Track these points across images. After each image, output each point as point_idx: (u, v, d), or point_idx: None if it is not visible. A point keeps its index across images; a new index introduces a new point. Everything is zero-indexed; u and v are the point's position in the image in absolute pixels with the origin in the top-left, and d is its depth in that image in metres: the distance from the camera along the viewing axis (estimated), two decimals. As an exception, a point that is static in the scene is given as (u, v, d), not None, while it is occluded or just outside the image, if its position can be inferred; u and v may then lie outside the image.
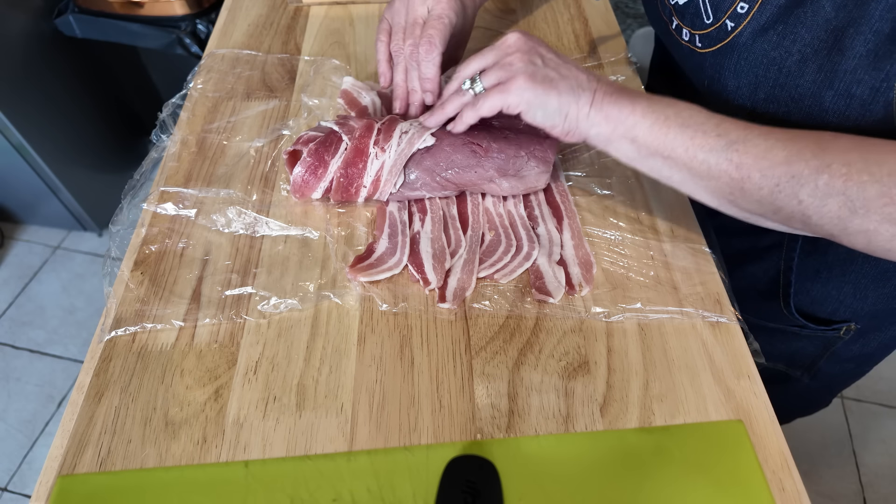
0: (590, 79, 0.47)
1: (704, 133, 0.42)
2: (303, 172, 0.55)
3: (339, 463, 0.42)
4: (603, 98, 0.46)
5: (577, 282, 0.51)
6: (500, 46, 0.49)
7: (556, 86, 0.46)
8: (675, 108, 0.44)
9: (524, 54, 0.47)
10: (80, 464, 0.43)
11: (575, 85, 0.46)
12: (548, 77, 0.46)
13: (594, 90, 0.46)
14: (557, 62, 0.48)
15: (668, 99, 0.45)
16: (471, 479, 0.41)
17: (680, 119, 0.43)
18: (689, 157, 0.43)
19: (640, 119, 0.44)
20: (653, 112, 0.44)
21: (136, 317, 0.50)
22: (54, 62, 1.45)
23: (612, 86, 0.47)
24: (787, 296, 0.63)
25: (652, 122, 0.44)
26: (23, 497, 1.29)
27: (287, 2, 0.82)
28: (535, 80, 0.46)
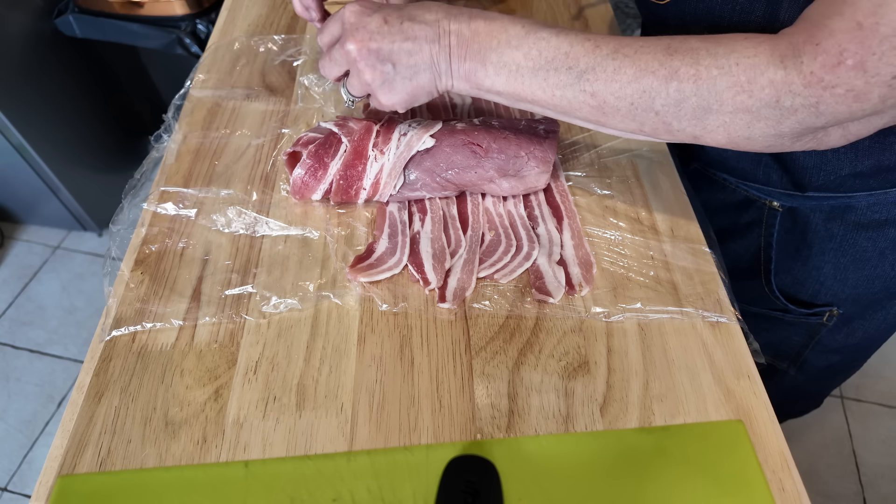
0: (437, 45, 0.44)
1: (556, 70, 0.42)
2: (302, 174, 0.55)
3: (339, 463, 0.42)
4: (458, 63, 0.45)
5: (577, 282, 0.51)
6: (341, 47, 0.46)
7: (414, 79, 0.45)
8: (523, 49, 0.43)
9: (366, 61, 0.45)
10: (80, 464, 0.43)
11: (432, 72, 0.45)
12: (404, 77, 0.45)
13: (445, 58, 0.45)
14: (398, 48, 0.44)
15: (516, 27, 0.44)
16: (471, 479, 0.41)
17: (530, 61, 0.43)
18: (549, 96, 0.43)
19: (495, 77, 0.44)
20: (504, 65, 0.43)
21: (137, 316, 0.50)
22: (54, 62, 1.45)
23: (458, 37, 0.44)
24: (769, 272, 0.64)
25: (507, 76, 0.44)
26: (23, 497, 1.29)
27: (287, 1, 0.82)
28: (393, 89, 0.46)
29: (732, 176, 0.62)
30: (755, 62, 0.37)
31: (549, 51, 0.42)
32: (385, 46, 0.44)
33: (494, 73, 0.44)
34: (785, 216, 0.60)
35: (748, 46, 0.38)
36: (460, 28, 0.44)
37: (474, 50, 0.44)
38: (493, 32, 0.44)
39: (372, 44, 0.44)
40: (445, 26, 0.44)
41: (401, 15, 0.44)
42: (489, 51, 0.44)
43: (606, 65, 0.41)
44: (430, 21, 0.44)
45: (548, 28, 0.43)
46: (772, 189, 0.59)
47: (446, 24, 0.44)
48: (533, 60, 0.43)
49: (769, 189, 0.59)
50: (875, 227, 0.55)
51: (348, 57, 0.45)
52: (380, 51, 0.44)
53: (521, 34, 0.43)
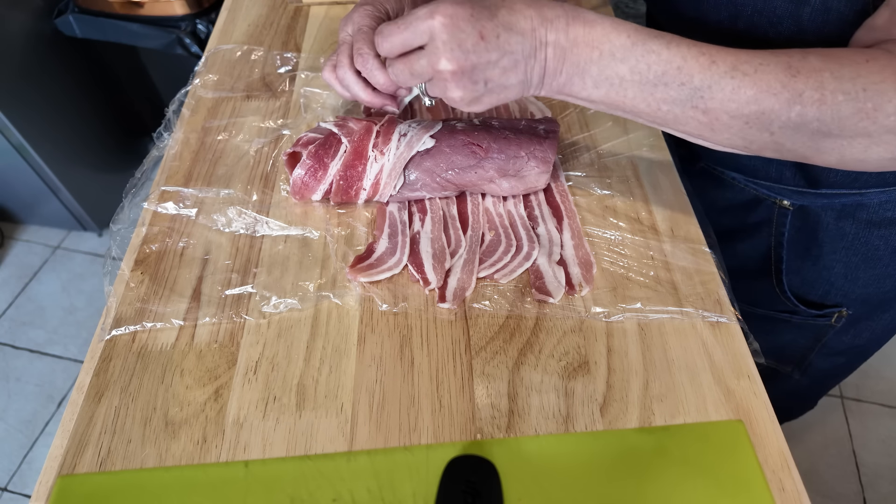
0: (532, 58, 0.41)
1: (666, 85, 0.40)
2: (302, 175, 0.55)
3: (339, 463, 0.42)
4: (552, 76, 0.42)
5: (577, 282, 0.51)
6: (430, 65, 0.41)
7: (502, 93, 0.43)
8: (630, 62, 0.40)
9: (458, 81, 0.41)
10: (80, 464, 0.43)
11: (517, 81, 0.42)
12: (492, 92, 0.42)
13: (539, 70, 0.42)
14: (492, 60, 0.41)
15: (622, 37, 0.40)
16: (471, 479, 0.41)
17: (637, 75, 0.40)
18: (654, 110, 0.41)
19: (594, 90, 0.42)
20: (606, 78, 0.41)
21: (137, 316, 0.50)
22: (54, 62, 1.45)
23: (556, 49, 0.41)
24: (780, 272, 0.63)
25: (606, 90, 0.41)
26: (23, 497, 1.29)
27: (287, 1, 0.82)
28: (479, 103, 0.43)
29: (742, 174, 0.61)
30: (882, 88, 0.36)
31: (660, 65, 0.39)
32: (481, 64, 0.41)
33: (593, 85, 0.41)
34: (795, 215, 0.59)
35: (874, 71, 0.37)
36: (557, 38, 0.40)
37: (572, 62, 0.41)
38: (595, 42, 0.40)
39: (467, 64, 0.40)
40: (542, 36, 0.40)
41: (496, 24, 0.40)
42: (589, 63, 0.41)
43: (724, 83, 0.39)
44: (526, 31, 0.40)
45: (656, 38, 0.40)
46: (783, 187, 0.58)
47: (542, 32, 0.40)
48: (640, 74, 0.40)
49: (780, 187, 0.58)
50: (887, 226, 0.55)
51: (439, 75, 0.41)
52: (475, 70, 0.41)
53: (626, 45, 0.40)
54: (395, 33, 0.42)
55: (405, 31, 0.41)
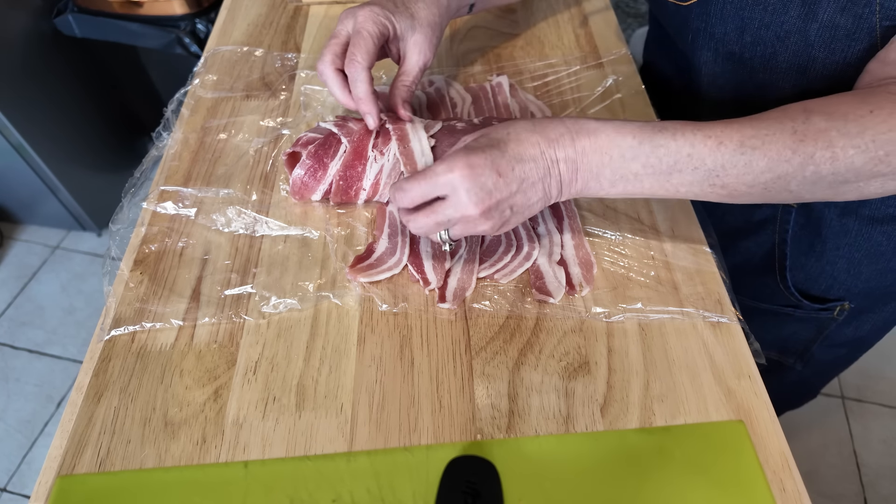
0: (547, 181, 0.44)
1: (680, 172, 0.42)
2: (302, 175, 0.55)
3: (338, 463, 0.42)
4: (569, 189, 0.44)
5: (578, 282, 0.51)
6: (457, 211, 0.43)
7: (527, 212, 0.45)
8: (640, 159, 0.42)
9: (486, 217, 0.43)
10: (80, 464, 0.43)
11: (545, 201, 0.45)
12: (518, 214, 0.45)
13: (556, 188, 0.44)
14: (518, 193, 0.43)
15: (629, 138, 0.42)
16: (471, 479, 0.41)
17: (649, 168, 0.42)
18: (672, 194, 0.43)
19: (609, 188, 0.44)
20: (620, 177, 0.43)
21: (136, 316, 0.50)
22: (53, 62, 1.45)
23: (569, 164, 0.43)
24: (783, 269, 0.64)
25: (623, 186, 0.43)
26: (22, 497, 1.29)
27: (287, 1, 0.81)
28: (507, 226, 0.45)
29: None
30: (891, 137, 0.38)
31: (670, 157, 0.41)
32: (504, 198, 0.43)
33: (609, 185, 0.43)
34: (799, 212, 0.59)
35: (879, 121, 0.38)
36: (567, 154, 0.43)
37: (585, 170, 0.43)
38: (602, 149, 0.43)
39: (492, 201, 0.43)
40: (551, 156, 0.43)
41: (508, 159, 0.42)
42: (602, 167, 0.43)
43: (735, 161, 0.40)
44: (536, 156, 0.43)
45: (660, 131, 0.42)
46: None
47: (551, 153, 0.43)
48: (653, 168, 0.42)
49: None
50: (889, 222, 0.56)
51: (466, 219, 0.43)
52: (500, 204, 0.43)
53: (634, 146, 0.42)
54: (416, 188, 0.43)
55: (426, 185, 0.43)
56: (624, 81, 0.68)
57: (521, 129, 0.44)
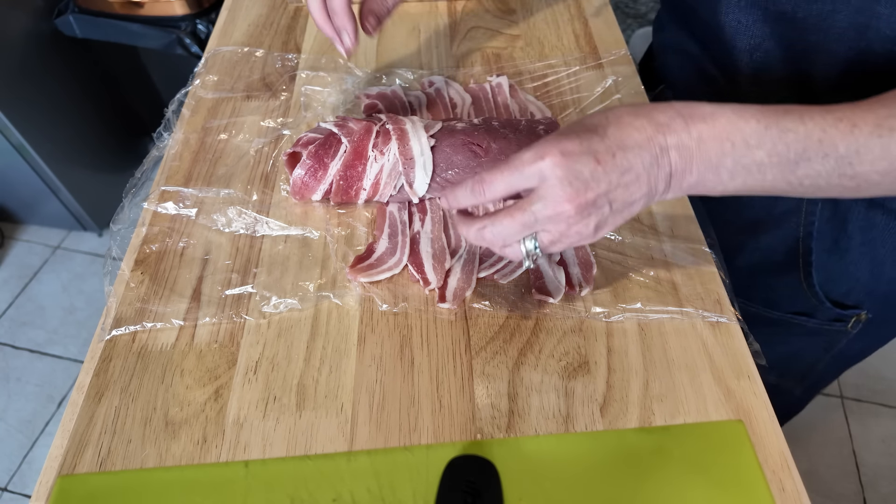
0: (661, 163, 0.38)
1: (808, 160, 0.36)
2: (302, 175, 0.55)
3: (339, 463, 0.42)
4: (679, 183, 0.39)
5: (577, 282, 0.51)
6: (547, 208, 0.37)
7: (626, 212, 0.39)
8: (766, 148, 0.37)
9: (581, 215, 0.37)
10: (80, 464, 0.43)
11: (649, 196, 0.39)
12: (616, 213, 0.39)
13: (668, 175, 0.38)
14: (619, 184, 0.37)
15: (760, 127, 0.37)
16: (471, 479, 0.41)
17: (776, 157, 0.37)
18: (794, 187, 0.38)
19: (728, 181, 0.38)
20: (742, 168, 0.37)
21: (137, 316, 0.50)
22: (54, 62, 1.45)
23: (684, 153, 0.38)
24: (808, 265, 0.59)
25: (744, 178, 0.38)
26: (23, 497, 1.29)
27: (287, 1, 0.82)
28: (599, 232, 0.39)
29: None
30: None
31: (799, 143, 0.36)
32: (602, 190, 0.37)
33: (729, 178, 0.38)
34: (825, 204, 0.55)
35: None
36: (680, 140, 0.37)
37: (702, 160, 0.38)
38: (723, 135, 0.37)
39: (589, 194, 0.37)
40: (661, 142, 0.37)
41: (608, 145, 0.37)
42: (722, 156, 0.37)
43: (872, 145, 0.36)
44: (642, 143, 0.37)
45: (786, 114, 0.37)
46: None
47: (661, 139, 0.37)
48: (780, 156, 0.37)
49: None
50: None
51: (559, 216, 0.37)
52: (597, 199, 0.37)
53: (759, 130, 0.37)
54: (500, 178, 0.38)
55: (511, 175, 0.38)
56: (624, 82, 0.68)
57: (623, 113, 0.38)
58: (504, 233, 0.39)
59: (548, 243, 0.39)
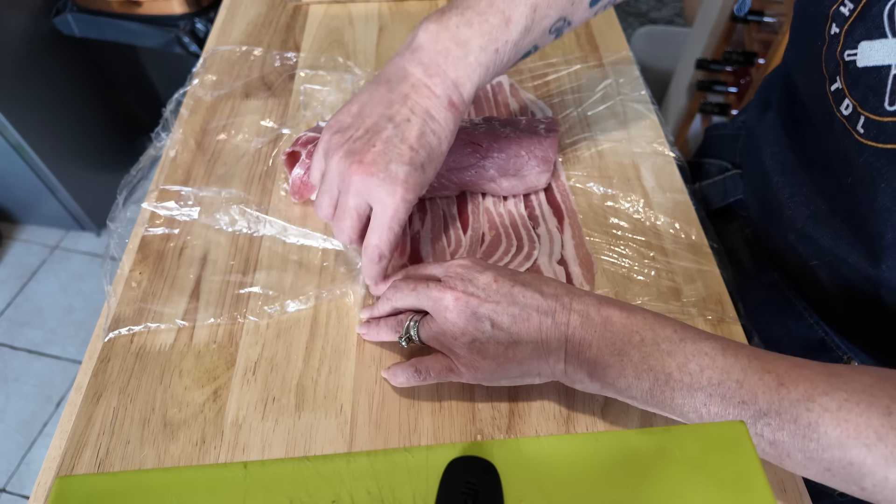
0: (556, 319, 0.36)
1: (722, 398, 0.33)
2: (301, 174, 0.54)
3: (338, 464, 0.42)
4: (578, 350, 0.36)
5: (578, 282, 0.51)
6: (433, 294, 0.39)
7: (511, 355, 0.37)
8: (678, 358, 0.34)
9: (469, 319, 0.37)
10: (79, 464, 0.42)
11: (538, 348, 0.37)
12: (501, 346, 0.37)
13: (563, 334, 0.36)
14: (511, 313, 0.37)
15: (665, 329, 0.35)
16: (471, 480, 0.41)
17: (688, 377, 0.33)
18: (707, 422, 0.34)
19: (634, 381, 0.35)
20: (648, 370, 0.34)
21: (136, 316, 0.50)
22: (52, 61, 1.45)
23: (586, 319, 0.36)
24: None
25: (650, 385, 0.34)
26: (21, 498, 1.28)
27: (286, 0, 0.81)
28: (484, 355, 0.37)
29: (815, 309, 0.50)
30: None
31: (714, 372, 0.33)
32: (487, 306, 0.37)
33: (634, 375, 0.34)
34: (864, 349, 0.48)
35: None
36: (587, 310, 0.36)
37: (607, 339, 0.35)
38: (634, 327, 0.35)
39: (472, 300, 0.37)
40: (566, 303, 0.37)
41: (514, 279, 0.38)
42: (629, 346, 0.35)
43: (797, 414, 0.31)
44: (546, 293, 0.37)
45: (707, 339, 0.34)
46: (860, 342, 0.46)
47: (567, 300, 0.37)
48: (691, 377, 0.33)
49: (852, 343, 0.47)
50: None
51: (438, 302, 0.38)
52: (479, 308, 0.37)
53: (673, 338, 0.34)
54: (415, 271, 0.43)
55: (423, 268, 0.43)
56: (625, 82, 0.68)
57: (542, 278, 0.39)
58: (397, 288, 0.42)
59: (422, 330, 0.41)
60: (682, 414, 0.35)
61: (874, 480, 0.30)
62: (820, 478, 0.32)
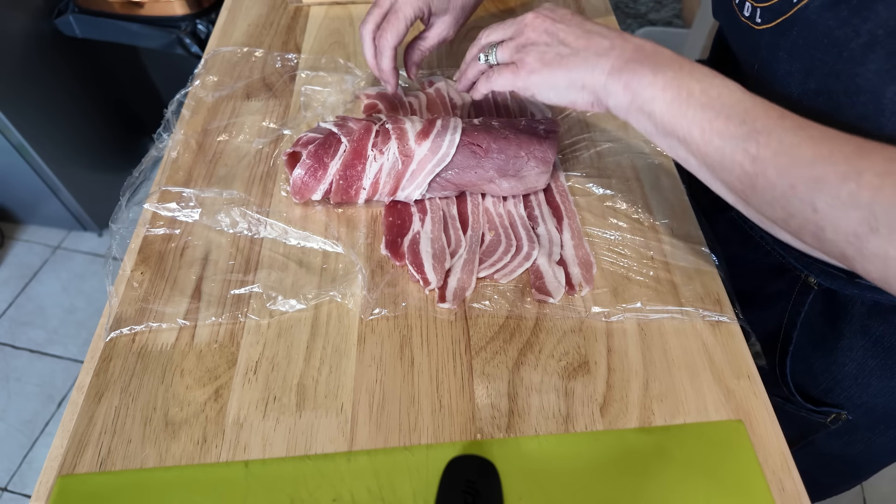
0: (613, 44, 0.43)
1: (727, 117, 0.37)
2: (302, 174, 0.55)
3: (339, 463, 0.42)
4: (623, 65, 0.42)
5: (577, 282, 0.51)
6: (520, 21, 0.47)
7: (565, 63, 0.44)
8: (703, 84, 0.39)
9: (541, 33, 0.45)
10: (81, 464, 0.43)
11: (591, 55, 0.43)
12: (559, 55, 0.44)
13: (615, 56, 0.42)
14: (577, 33, 0.44)
15: (703, 70, 0.40)
16: (471, 479, 0.41)
17: (706, 97, 0.38)
18: (705, 142, 0.38)
19: (660, 92, 0.40)
20: (676, 86, 0.39)
21: (137, 316, 0.50)
22: (54, 62, 1.45)
23: (639, 50, 0.42)
24: (784, 353, 0.57)
25: (672, 98, 0.39)
26: (23, 497, 1.29)
27: (287, 1, 0.82)
28: (543, 61, 0.44)
29: (772, 235, 0.53)
30: None
31: (730, 98, 0.38)
32: (559, 26, 0.45)
33: (662, 87, 0.40)
34: (819, 297, 0.53)
35: None
36: (642, 43, 0.43)
37: (650, 58, 0.41)
38: (674, 59, 0.41)
39: (548, 21, 0.46)
40: (626, 36, 0.43)
41: (586, 18, 0.46)
42: (667, 67, 0.40)
43: (784, 136, 0.35)
44: (607, 33, 0.44)
45: (735, 82, 0.39)
46: (813, 262, 0.52)
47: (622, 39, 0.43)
48: (708, 97, 0.38)
49: (810, 261, 0.52)
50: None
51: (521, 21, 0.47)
52: (552, 27, 0.45)
53: (705, 72, 0.40)
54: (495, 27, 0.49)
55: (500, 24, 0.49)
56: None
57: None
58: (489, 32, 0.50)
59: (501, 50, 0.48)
60: (688, 131, 0.39)
61: (827, 198, 0.34)
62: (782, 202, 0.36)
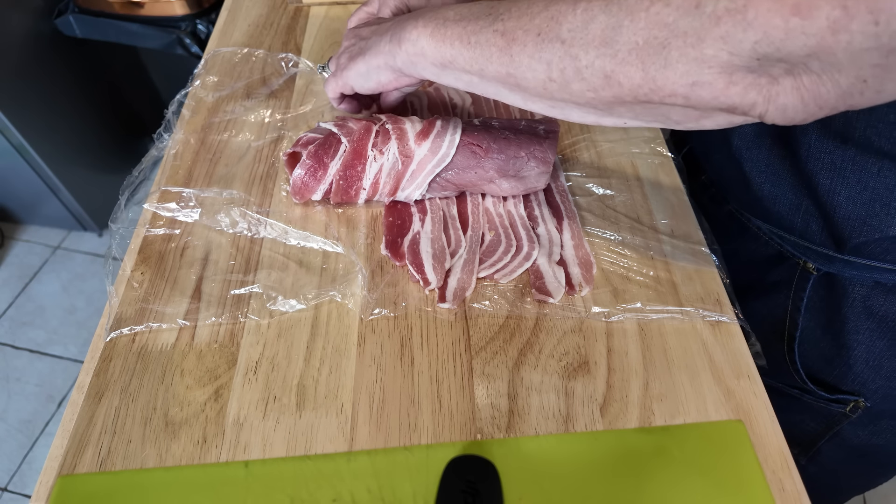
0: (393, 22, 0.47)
1: (476, 17, 0.41)
2: (302, 175, 0.55)
3: (339, 463, 0.42)
4: (395, 30, 0.46)
5: (577, 282, 0.51)
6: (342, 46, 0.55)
7: (364, 52, 0.49)
8: (457, 8, 0.43)
9: (350, 38, 0.53)
10: (80, 464, 0.43)
11: (377, 38, 0.48)
12: (360, 49, 0.50)
13: (392, 30, 0.47)
14: (373, 29, 0.50)
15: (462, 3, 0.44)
16: (471, 479, 0.41)
17: (458, 15, 0.42)
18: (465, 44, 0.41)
19: (422, 28, 0.44)
20: (433, 19, 0.43)
21: (137, 316, 0.50)
22: (54, 62, 1.45)
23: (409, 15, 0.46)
24: (792, 340, 0.57)
25: (433, 28, 0.43)
26: (23, 497, 1.29)
27: (287, 2, 0.82)
28: (350, 58, 0.50)
29: (768, 223, 0.57)
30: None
31: (477, 6, 0.42)
32: (363, 30, 0.52)
33: (423, 24, 0.44)
34: (819, 282, 0.53)
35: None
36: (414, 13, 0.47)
37: (414, 14, 0.46)
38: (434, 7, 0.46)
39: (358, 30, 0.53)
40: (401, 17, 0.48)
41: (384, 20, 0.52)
42: (425, 13, 0.45)
43: (521, 3, 0.39)
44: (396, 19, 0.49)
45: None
46: (809, 246, 0.53)
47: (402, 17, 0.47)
48: (460, 14, 0.42)
49: (806, 246, 0.53)
50: None
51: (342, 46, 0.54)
52: (359, 31, 0.52)
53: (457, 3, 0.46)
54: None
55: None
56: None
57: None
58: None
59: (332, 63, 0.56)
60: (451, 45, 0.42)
61: (568, 24, 0.35)
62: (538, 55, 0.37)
